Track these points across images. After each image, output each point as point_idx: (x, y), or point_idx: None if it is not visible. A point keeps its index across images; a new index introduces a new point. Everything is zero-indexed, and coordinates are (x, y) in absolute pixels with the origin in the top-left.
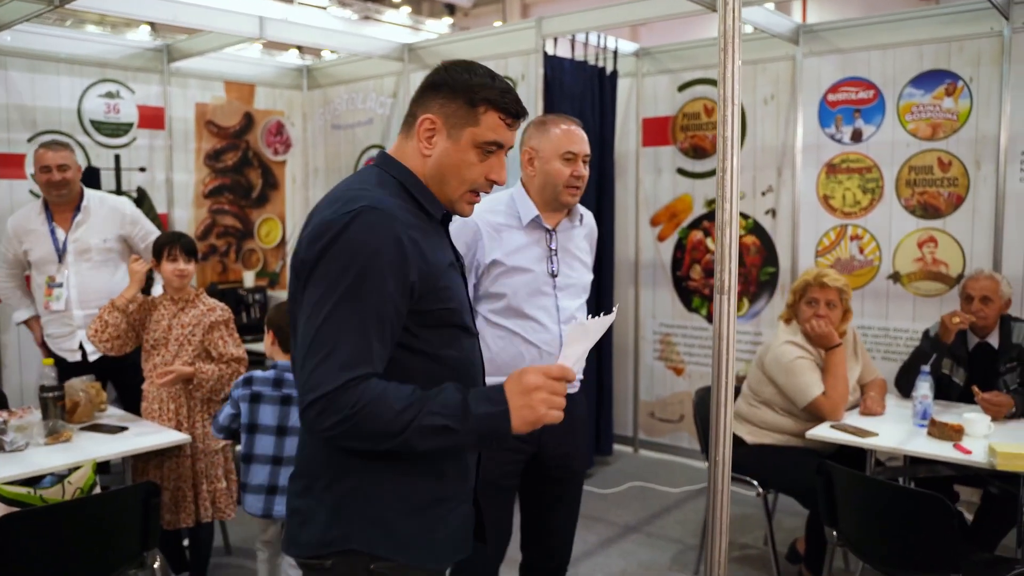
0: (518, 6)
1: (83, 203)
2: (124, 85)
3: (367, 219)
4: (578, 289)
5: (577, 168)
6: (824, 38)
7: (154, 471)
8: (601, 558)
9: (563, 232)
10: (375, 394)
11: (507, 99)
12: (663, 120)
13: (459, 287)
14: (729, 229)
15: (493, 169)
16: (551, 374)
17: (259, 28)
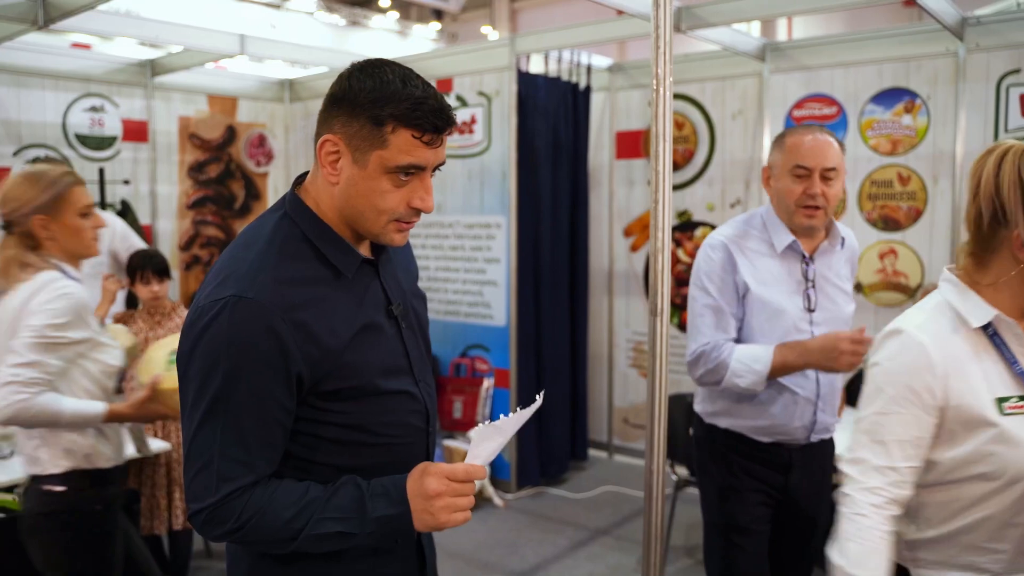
0: (506, 12)
1: None
2: (108, 99)
3: (235, 312)
4: (839, 324)
5: (811, 185)
6: (789, 56)
7: (132, 479)
8: (570, 561)
9: (822, 258)
10: (259, 505)
11: (419, 113)
12: (635, 134)
13: (376, 351)
14: (661, 256)
15: (415, 195)
16: (455, 477)
17: (240, 45)
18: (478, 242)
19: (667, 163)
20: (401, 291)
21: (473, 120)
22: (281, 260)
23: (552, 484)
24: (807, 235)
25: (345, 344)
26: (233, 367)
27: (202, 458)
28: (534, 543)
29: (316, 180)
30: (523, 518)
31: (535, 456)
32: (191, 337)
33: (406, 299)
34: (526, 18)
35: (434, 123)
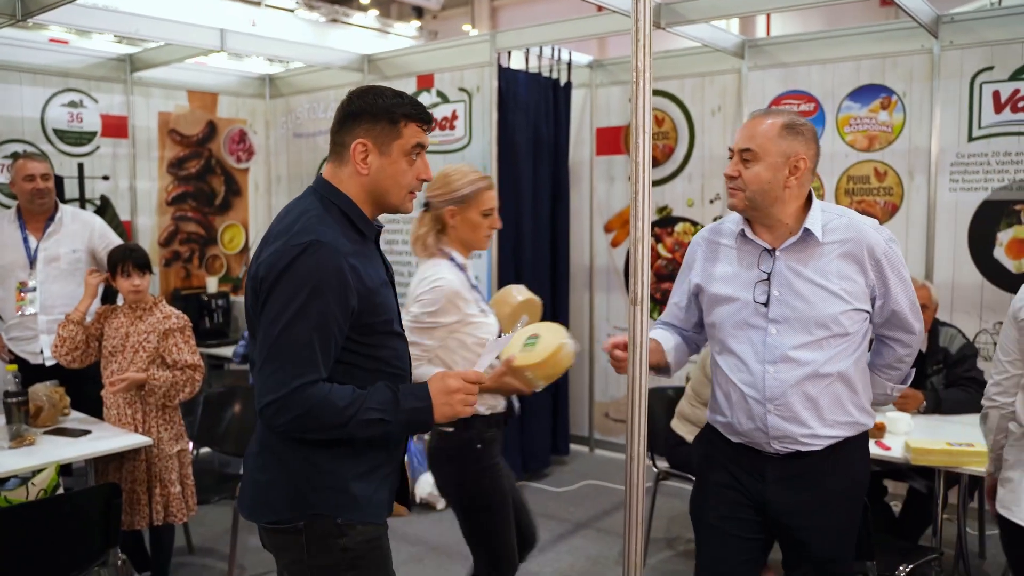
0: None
1: (57, 214)
2: (87, 94)
3: (316, 252)
4: (808, 323)
5: (729, 165)
6: (768, 52)
7: (114, 473)
8: (551, 554)
9: (793, 252)
10: (321, 396)
11: (420, 110)
12: (616, 130)
13: (390, 298)
14: (642, 246)
15: (422, 170)
16: (468, 379)
17: (220, 41)
18: None
19: (647, 155)
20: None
21: (454, 116)
22: (334, 223)
23: (534, 479)
24: (763, 225)
25: (376, 287)
26: (313, 290)
27: (280, 358)
28: None
29: (339, 173)
30: None
31: (517, 451)
32: (278, 268)
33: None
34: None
35: (429, 116)
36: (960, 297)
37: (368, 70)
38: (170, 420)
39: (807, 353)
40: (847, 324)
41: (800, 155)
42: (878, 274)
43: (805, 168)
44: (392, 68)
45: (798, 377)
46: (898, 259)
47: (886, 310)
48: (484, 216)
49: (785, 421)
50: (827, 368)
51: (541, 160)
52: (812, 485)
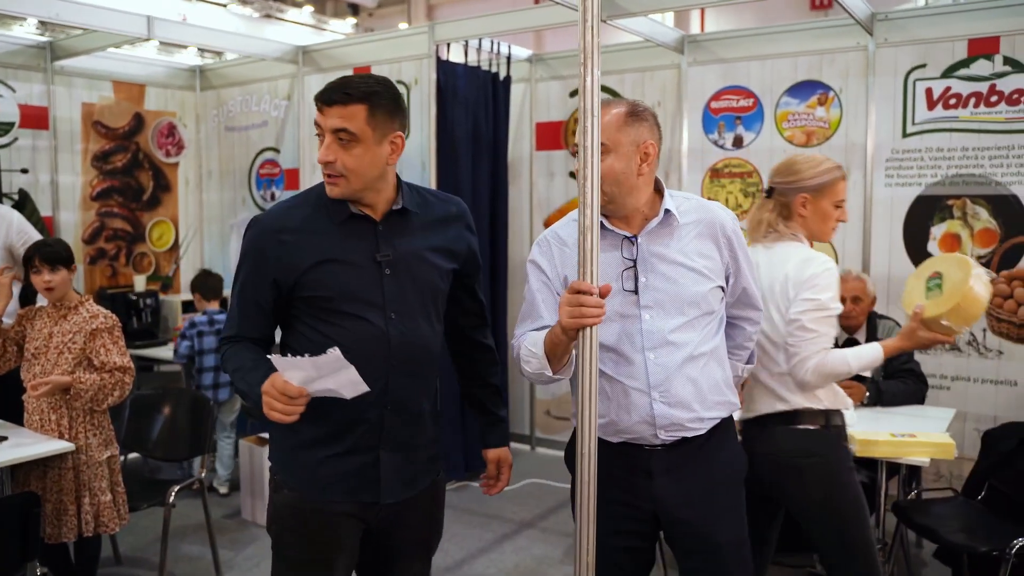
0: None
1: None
2: (3, 83)
3: (251, 228)
4: (680, 303)
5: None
6: (707, 48)
7: (35, 483)
8: (495, 554)
9: (653, 237)
10: (230, 353)
11: (321, 92)
12: (556, 124)
13: (345, 277)
14: (591, 234)
15: (319, 151)
16: (275, 384)
17: (147, 28)
18: None
19: (595, 140)
20: (406, 249)
21: None
22: (299, 204)
23: (476, 478)
24: (618, 217)
25: (311, 265)
26: (242, 260)
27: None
28: (459, 537)
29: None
30: (449, 512)
31: (460, 450)
32: None
33: (407, 256)
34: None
35: (322, 97)
36: (896, 290)
37: (303, 62)
38: (99, 425)
39: (684, 335)
40: (713, 302)
41: (648, 141)
42: (730, 251)
43: (654, 154)
44: (328, 60)
45: (679, 360)
46: (743, 237)
47: (737, 287)
48: (836, 207)
49: (670, 407)
50: (702, 348)
51: (480, 155)
52: (699, 471)
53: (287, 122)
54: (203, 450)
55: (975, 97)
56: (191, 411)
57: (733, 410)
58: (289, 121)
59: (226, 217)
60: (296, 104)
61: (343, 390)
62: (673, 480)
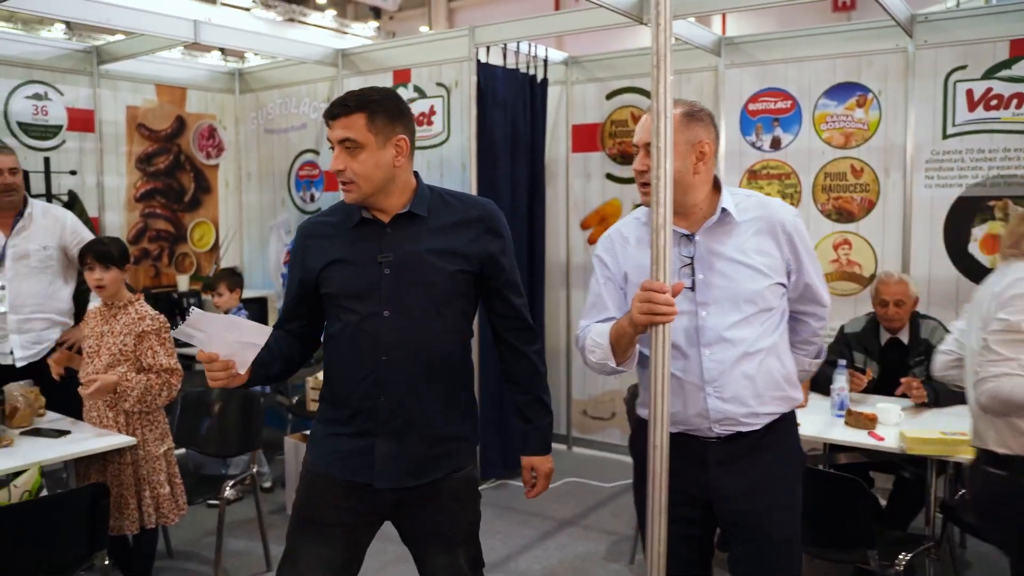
0: (443, 11)
1: (27, 209)
2: (52, 87)
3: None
4: (736, 301)
5: (637, 161)
6: (744, 50)
7: (96, 476)
8: (539, 551)
9: (711, 234)
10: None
11: (327, 109)
12: (592, 127)
13: (351, 277)
14: (664, 232)
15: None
16: (203, 356)
17: (193, 31)
18: None
19: (668, 140)
20: (411, 250)
21: (432, 111)
22: (331, 213)
23: (514, 476)
24: (677, 214)
25: (320, 266)
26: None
27: None
28: (502, 534)
29: None
30: (488, 510)
31: (497, 449)
32: None
33: (410, 257)
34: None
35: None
36: (936, 292)
37: (342, 65)
38: (154, 420)
39: (740, 331)
40: (771, 299)
41: (704, 140)
42: (791, 248)
43: (710, 152)
44: (367, 63)
45: (734, 356)
46: (805, 233)
47: (800, 283)
48: None
49: (725, 402)
50: (759, 344)
51: (518, 157)
52: (754, 465)
53: None
54: (253, 446)
55: (1017, 98)
56: (241, 408)
57: (793, 405)
58: None
59: (265, 218)
60: None
61: (252, 337)
62: (727, 472)
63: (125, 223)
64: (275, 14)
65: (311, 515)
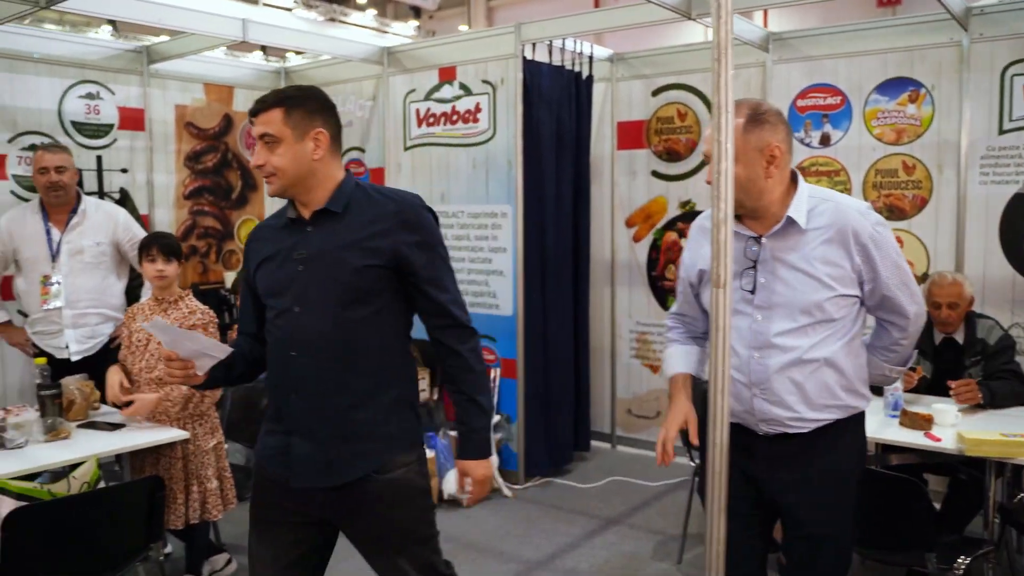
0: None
1: (80, 206)
2: (104, 86)
3: None
4: (793, 310)
5: (708, 172)
6: (793, 46)
7: (149, 469)
8: (586, 550)
9: (778, 240)
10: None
11: (251, 109)
12: (637, 124)
13: (272, 275)
14: (724, 227)
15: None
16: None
17: (242, 30)
18: (483, 231)
19: (728, 135)
20: (326, 247)
21: (478, 108)
22: (277, 214)
23: (558, 475)
24: (751, 217)
25: (255, 265)
26: None
27: None
28: (547, 532)
29: None
30: (533, 508)
31: (542, 447)
32: None
33: (324, 254)
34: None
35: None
36: (991, 291)
37: (388, 63)
38: (204, 414)
39: (791, 339)
40: (832, 310)
41: (772, 144)
42: (864, 258)
43: (781, 155)
44: (413, 60)
45: (782, 363)
46: (886, 243)
47: (876, 294)
48: None
49: (771, 405)
50: (812, 354)
51: (564, 154)
52: (800, 465)
53: (372, 122)
54: None
55: None
56: None
57: (851, 412)
58: (374, 121)
59: None
60: (381, 104)
61: (211, 351)
62: (773, 467)
63: (174, 220)
64: (316, 14)
65: (257, 514)
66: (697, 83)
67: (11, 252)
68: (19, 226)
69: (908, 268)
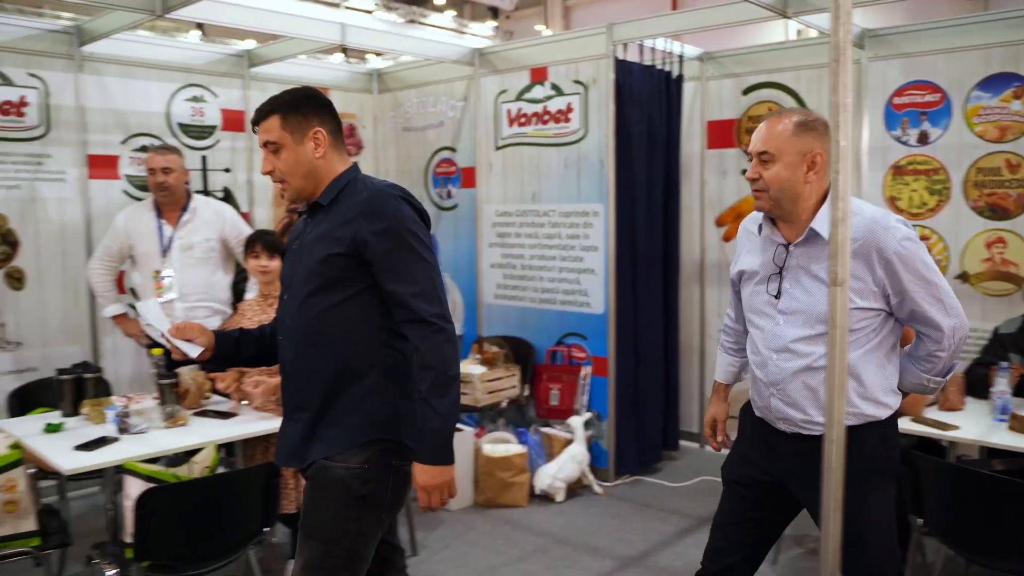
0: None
1: (190, 204)
2: (208, 89)
3: None
4: (810, 318)
5: (750, 169)
6: (889, 42)
7: (260, 457)
8: (679, 548)
9: (804, 248)
10: None
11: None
12: (727, 123)
13: (284, 265)
14: (843, 226)
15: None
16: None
17: (341, 34)
18: (575, 230)
19: (847, 134)
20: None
21: (569, 108)
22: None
23: (647, 473)
24: (786, 221)
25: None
26: None
27: None
28: (639, 530)
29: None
30: (624, 505)
31: (632, 445)
32: None
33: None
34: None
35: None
36: None
37: (479, 64)
38: None
39: (806, 346)
40: (849, 322)
41: (816, 150)
42: (889, 273)
43: (822, 163)
44: (504, 62)
45: (796, 368)
46: (915, 257)
47: (905, 308)
48: None
49: (785, 405)
50: (824, 362)
51: (655, 154)
52: (815, 463)
53: (463, 122)
54: None
55: None
56: None
57: (866, 420)
58: (465, 121)
59: None
60: (472, 105)
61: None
62: (791, 463)
63: (272, 217)
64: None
65: None
66: (789, 81)
67: (127, 248)
68: (135, 223)
69: (943, 282)
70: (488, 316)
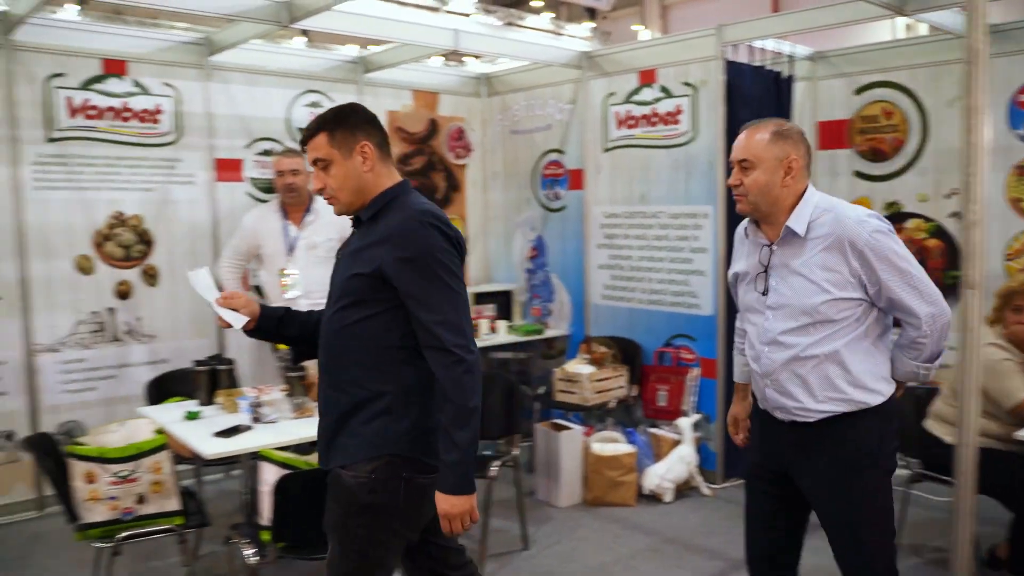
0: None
1: (313, 205)
2: (325, 95)
3: None
4: (795, 312)
5: (732, 176)
6: (1014, 37)
7: None
8: None
9: (785, 246)
10: None
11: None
12: (839, 123)
13: (334, 272)
14: (977, 229)
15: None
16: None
17: (454, 40)
18: (684, 231)
19: (980, 136)
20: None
21: (678, 110)
22: None
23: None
24: (767, 223)
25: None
26: None
27: None
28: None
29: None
30: (733, 508)
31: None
32: None
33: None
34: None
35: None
36: None
37: (587, 67)
38: None
39: (792, 337)
40: (830, 312)
41: (792, 156)
42: (863, 264)
43: (798, 168)
44: (612, 64)
45: (784, 358)
46: (886, 248)
47: (883, 297)
48: None
49: (779, 394)
50: (812, 351)
51: None
52: (812, 451)
53: (571, 124)
54: (515, 430)
55: None
56: (503, 395)
57: (858, 407)
58: (573, 124)
59: (510, 215)
60: (580, 107)
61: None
62: (792, 452)
63: None
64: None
65: None
66: (904, 80)
67: (255, 247)
68: (262, 223)
69: (919, 271)
70: (595, 317)
